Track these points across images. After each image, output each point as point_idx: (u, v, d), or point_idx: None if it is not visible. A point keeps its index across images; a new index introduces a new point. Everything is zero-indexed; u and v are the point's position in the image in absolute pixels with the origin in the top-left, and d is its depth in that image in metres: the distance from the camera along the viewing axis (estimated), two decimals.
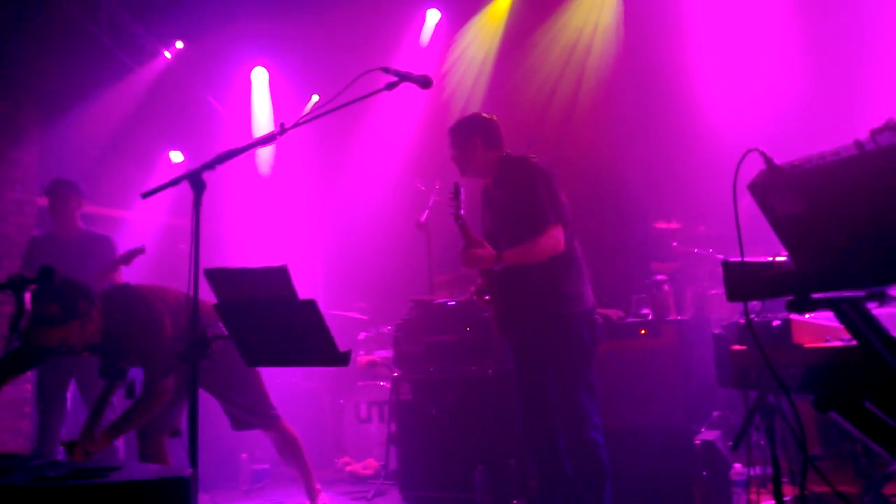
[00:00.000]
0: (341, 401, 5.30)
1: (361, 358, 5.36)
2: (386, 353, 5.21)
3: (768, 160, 1.69)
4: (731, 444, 3.20)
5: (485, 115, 3.27)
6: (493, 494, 3.85)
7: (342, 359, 1.99)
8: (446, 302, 4.31)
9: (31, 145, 5.64)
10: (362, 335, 5.65)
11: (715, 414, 4.22)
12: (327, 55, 6.20)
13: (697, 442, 3.47)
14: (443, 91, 6.51)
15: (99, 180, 5.16)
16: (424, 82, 2.39)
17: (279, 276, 1.92)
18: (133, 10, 6.04)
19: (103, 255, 4.07)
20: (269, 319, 1.94)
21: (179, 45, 6.57)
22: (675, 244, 4.89)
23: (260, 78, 7.13)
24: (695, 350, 3.79)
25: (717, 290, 4.65)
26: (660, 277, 3.86)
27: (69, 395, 4.08)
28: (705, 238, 4.96)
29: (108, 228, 4.72)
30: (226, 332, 2.05)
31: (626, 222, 5.15)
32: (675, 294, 4.07)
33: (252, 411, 3.36)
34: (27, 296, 2.46)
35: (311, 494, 3.59)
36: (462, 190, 2.96)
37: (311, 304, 1.94)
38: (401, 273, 5.85)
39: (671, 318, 3.72)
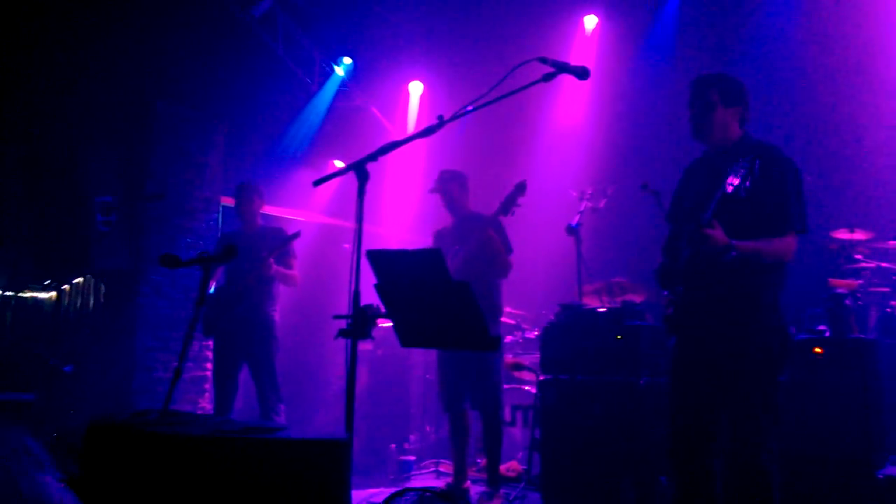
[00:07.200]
0: None
1: (507, 359, 5.34)
2: (532, 358, 5.17)
3: None
4: None
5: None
6: None
7: (492, 343, 2.00)
8: (596, 308, 4.19)
9: (217, 150, 6.42)
10: (508, 339, 5.64)
11: None
12: (484, 68, 6.32)
13: (880, 476, 3.10)
14: (601, 97, 6.39)
15: (274, 183, 5.66)
16: (582, 72, 2.35)
17: (434, 259, 1.97)
18: (303, 24, 6.62)
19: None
20: (423, 300, 2.00)
21: (348, 60, 7.05)
22: (858, 257, 4.40)
23: (416, 91, 7.53)
24: (881, 374, 3.40)
25: None
26: (840, 291, 3.50)
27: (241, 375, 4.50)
28: None
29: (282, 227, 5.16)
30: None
31: None
32: (856, 312, 3.67)
33: (486, 398, 4.06)
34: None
35: (494, 483, 4.12)
36: None
37: (464, 286, 1.97)
38: (549, 280, 5.79)
39: (852, 335, 3.36)
